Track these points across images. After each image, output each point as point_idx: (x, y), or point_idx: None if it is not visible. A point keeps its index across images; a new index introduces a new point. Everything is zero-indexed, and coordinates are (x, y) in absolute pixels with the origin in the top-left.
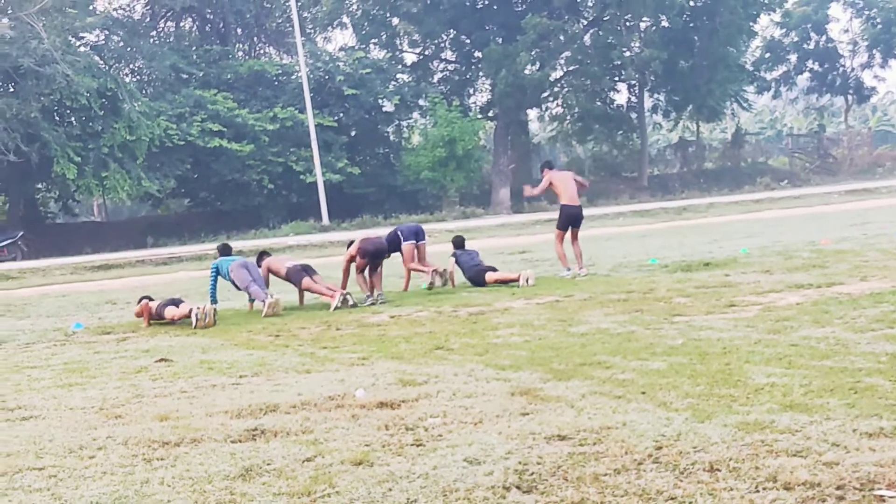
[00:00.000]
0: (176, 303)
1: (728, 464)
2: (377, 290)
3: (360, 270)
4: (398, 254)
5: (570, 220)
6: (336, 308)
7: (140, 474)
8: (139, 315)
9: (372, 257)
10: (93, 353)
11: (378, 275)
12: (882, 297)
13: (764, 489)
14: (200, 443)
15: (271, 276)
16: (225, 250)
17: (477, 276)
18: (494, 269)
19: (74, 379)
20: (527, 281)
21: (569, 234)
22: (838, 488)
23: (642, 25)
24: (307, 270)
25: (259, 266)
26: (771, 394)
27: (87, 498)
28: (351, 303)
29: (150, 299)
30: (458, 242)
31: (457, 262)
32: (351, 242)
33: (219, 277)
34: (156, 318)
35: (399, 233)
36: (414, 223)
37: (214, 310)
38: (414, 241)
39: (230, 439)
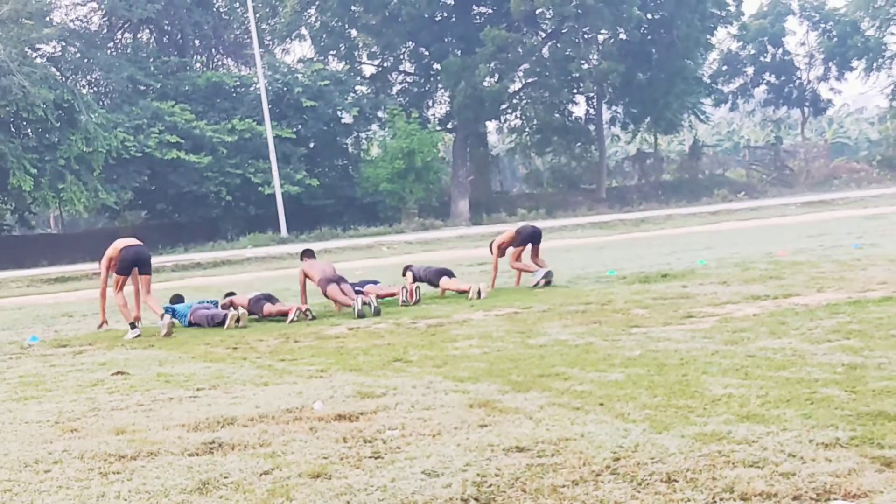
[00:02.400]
0: (271, 299)
1: (685, 475)
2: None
3: (330, 296)
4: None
5: (530, 239)
6: (293, 321)
7: (96, 488)
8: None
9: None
10: (49, 366)
11: (345, 286)
12: (838, 307)
13: (721, 500)
14: (157, 456)
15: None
16: (178, 300)
17: (433, 278)
18: (451, 274)
19: (30, 392)
20: (478, 294)
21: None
22: (795, 498)
23: (600, 38)
24: (269, 299)
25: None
26: (728, 405)
27: None
28: (311, 316)
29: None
30: (411, 265)
31: (414, 276)
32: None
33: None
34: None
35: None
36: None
37: (171, 322)
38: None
39: (187, 453)
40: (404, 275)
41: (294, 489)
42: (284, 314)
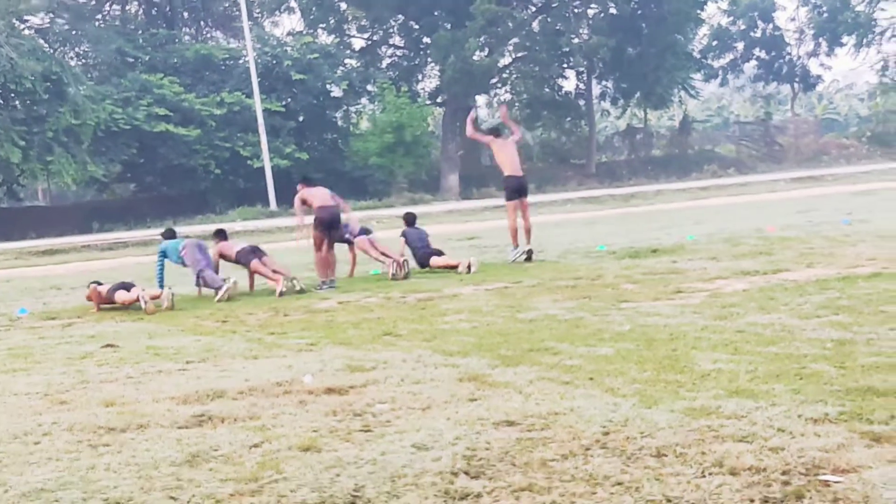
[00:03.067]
0: (127, 287)
1: (675, 449)
2: (330, 275)
3: (319, 246)
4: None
5: (518, 193)
6: (282, 294)
7: (86, 460)
8: (89, 299)
9: (327, 227)
10: (37, 338)
11: (332, 255)
12: (827, 283)
13: (710, 474)
14: (147, 429)
15: (221, 262)
16: (170, 235)
17: (423, 259)
18: (441, 253)
19: (19, 364)
20: (468, 268)
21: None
22: (784, 473)
23: (590, 12)
24: (255, 252)
25: (214, 245)
26: (717, 380)
27: (31, 484)
28: (297, 287)
29: (100, 283)
30: (410, 220)
31: (406, 241)
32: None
33: (166, 262)
34: (106, 303)
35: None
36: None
37: (172, 294)
38: (366, 236)
39: (177, 425)
40: (405, 219)
41: (283, 462)
42: (272, 280)
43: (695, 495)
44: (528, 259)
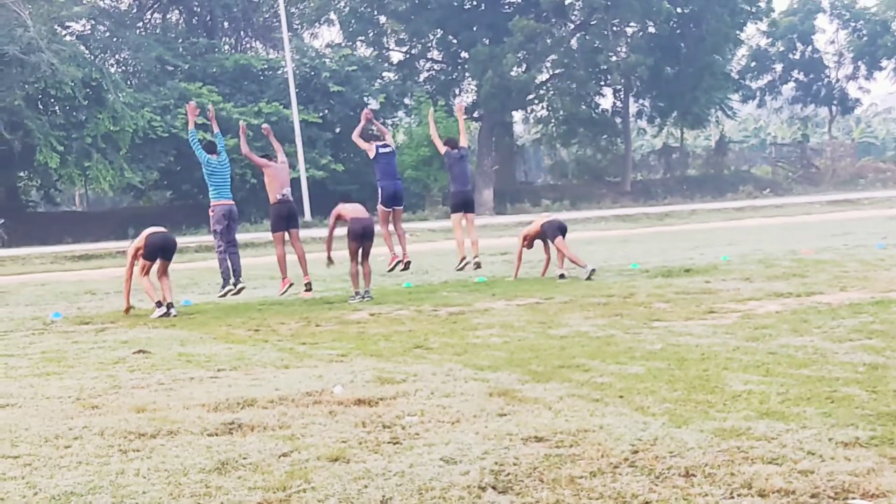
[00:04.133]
0: (168, 247)
1: (703, 469)
2: (365, 287)
3: (353, 257)
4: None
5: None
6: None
7: (115, 465)
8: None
9: (360, 238)
10: (71, 342)
11: (367, 266)
12: (861, 307)
13: (739, 496)
14: (177, 435)
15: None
16: (211, 148)
17: (458, 199)
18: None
19: (52, 368)
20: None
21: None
22: (813, 496)
23: (629, 31)
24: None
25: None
26: (748, 401)
27: (61, 487)
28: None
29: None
30: (453, 143)
31: (450, 166)
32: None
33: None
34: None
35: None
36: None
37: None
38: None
39: (206, 432)
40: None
41: (312, 472)
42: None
43: None
44: (562, 277)
